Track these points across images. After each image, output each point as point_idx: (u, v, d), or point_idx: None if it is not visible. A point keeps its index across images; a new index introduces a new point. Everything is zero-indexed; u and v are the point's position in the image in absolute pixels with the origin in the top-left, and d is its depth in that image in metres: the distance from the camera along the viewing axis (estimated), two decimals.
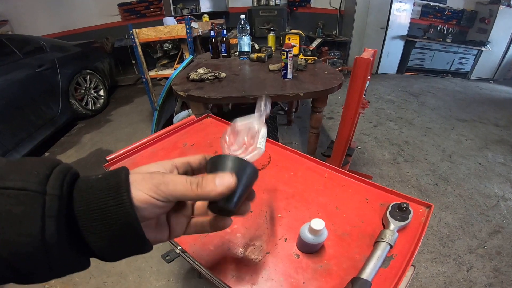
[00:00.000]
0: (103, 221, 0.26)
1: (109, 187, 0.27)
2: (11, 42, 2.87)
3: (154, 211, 0.30)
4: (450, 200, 2.14)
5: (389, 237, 0.60)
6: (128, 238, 0.28)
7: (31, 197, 0.23)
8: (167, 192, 0.30)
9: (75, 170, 0.28)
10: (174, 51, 3.21)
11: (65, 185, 0.26)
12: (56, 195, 0.24)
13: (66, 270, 0.27)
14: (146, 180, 0.29)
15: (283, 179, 0.83)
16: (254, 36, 2.48)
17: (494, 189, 2.28)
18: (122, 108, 4.03)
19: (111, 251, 0.28)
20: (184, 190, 0.31)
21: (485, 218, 1.97)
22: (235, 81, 1.71)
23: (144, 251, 0.30)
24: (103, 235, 0.26)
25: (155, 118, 2.53)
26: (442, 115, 3.74)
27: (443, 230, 1.86)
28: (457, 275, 1.57)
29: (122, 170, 0.29)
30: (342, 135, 1.56)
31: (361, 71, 1.30)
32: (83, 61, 3.65)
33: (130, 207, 0.26)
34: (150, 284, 1.52)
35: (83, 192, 0.27)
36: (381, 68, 5.73)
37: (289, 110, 3.23)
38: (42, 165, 0.26)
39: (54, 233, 0.23)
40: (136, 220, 0.27)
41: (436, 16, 5.60)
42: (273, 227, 0.68)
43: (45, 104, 2.90)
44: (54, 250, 0.24)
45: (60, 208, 0.24)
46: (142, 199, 0.28)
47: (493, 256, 1.68)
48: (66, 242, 0.25)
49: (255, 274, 0.57)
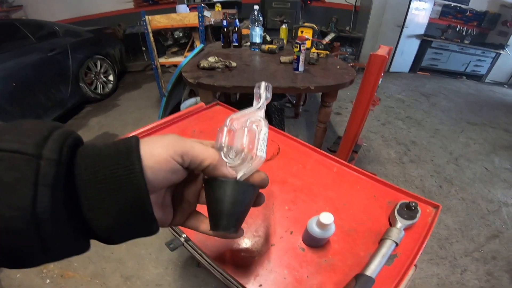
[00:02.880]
0: (110, 193, 0.23)
1: (119, 154, 0.23)
2: (25, 27, 2.93)
3: (168, 177, 0.27)
4: (452, 202, 2.13)
5: (396, 235, 0.59)
6: (136, 215, 0.24)
7: (24, 161, 0.19)
8: (193, 152, 0.28)
9: (78, 136, 0.25)
10: (184, 39, 3.20)
11: (66, 149, 0.22)
12: (54, 159, 0.20)
13: (63, 252, 0.23)
14: (169, 139, 0.27)
15: (292, 171, 0.83)
16: (265, 28, 2.45)
17: (498, 194, 2.26)
18: (130, 94, 4.04)
19: (117, 231, 0.25)
20: (212, 159, 0.29)
21: (485, 223, 1.96)
22: (246, 71, 1.69)
23: (151, 231, 0.27)
24: (110, 211, 0.23)
25: (163, 104, 2.54)
26: (452, 117, 3.68)
27: (442, 232, 1.86)
28: (451, 277, 1.57)
29: (133, 137, 0.25)
30: (350, 131, 1.54)
31: (376, 67, 1.27)
32: (95, 46, 3.68)
33: (141, 178, 0.23)
34: (149, 271, 1.53)
35: (89, 159, 0.23)
36: (394, 67, 5.63)
37: (297, 103, 3.20)
38: (41, 126, 0.22)
39: (47, 206, 0.20)
40: (146, 194, 0.24)
41: (456, 16, 5.45)
42: (280, 219, 0.67)
43: (55, 87, 2.96)
44: (48, 227, 0.20)
45: (57, 175, 0.20)
46: (159, 159, 0.25)
47: (488, 260, 1.69)
48: (63, 218, 0.21)
49: (259, 266, 0.57)
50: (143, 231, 0.27)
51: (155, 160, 0.25)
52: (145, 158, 0.24)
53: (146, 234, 0.27)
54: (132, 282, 1.47)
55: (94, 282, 1.47)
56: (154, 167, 0.25)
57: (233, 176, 0.32)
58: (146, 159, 0.24)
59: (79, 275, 1.50)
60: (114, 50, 4.12)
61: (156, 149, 0.25)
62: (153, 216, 0.26)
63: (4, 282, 1.44)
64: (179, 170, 0.28)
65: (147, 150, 0.25)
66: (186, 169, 0.29)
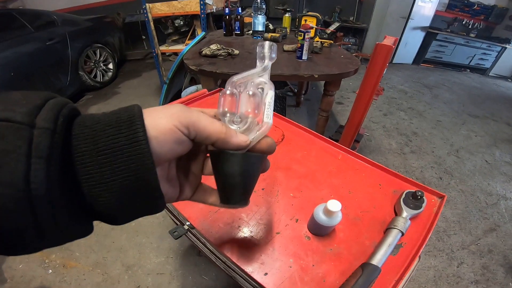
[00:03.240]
0: (113, 166, 0.20)
1: (121, 122, 0.21)
2: (23, 16, 2.91)
3: (174, 148, 0.24)
4: (451, 194, 2.13)
5: (402, 224, 0.58)
6: (141, 189, 0.22)
7: (14, 130, 0.17)
8: (199, 125, 0.25)
9: (75, 106, 0.22)
10: (185, 27, 3.16)
11: (61, 118, 0.19)
12: (49, 128, 0.18)
13: (62, 235, 0.20)
14: (174, 109, 0.25)
15: (296, 158, 0.82)
16: (268, 16, 2.40)
17: (497, 187, 2.26)
18: (130, 82, 4.01)
19: (120, 209, 0.22)
20: (219, 134, 0.27)
21: (483, 216, 1.97)
22: (248, 59, 1.67)
23: (157, 208, 0.25)
24: (112, 186, 0.21)
25: (163, 91, 2.51)
26: (454, 109, 3.66)
27: (441, 224, 1.86)
28: (447, 269, 1.58)
29: (135, 105, 0.23)
30: (353, 120, 1.53)
31: (381, 57, 1.26)
32: (94, 35, 3.65)
33: (146, 147, 0.21)
34: (150, 260, 1.53)
35: (87, 129, 0.21)
36: (397, 58, 5.58)
37: (299, 92, 3.17)
38: (33, 96, 0.19)
39: (42, 180, 0.17)
40: (152, 165, 0.22)
41: (464, 10, 5.37)
42: (285, 207, 0.66)
43: (54, 76, 2.95)
44: (43, 206, 0.17)
45: (52, 146, 0.18)
46: (164, 128, 0.23)
47: (484, 253, 1.69)
48: (61, 196, 0.19)
49: (264, 254, 0.57)
50: (149, 208, 0.25)
51: (160, 130, 0.23)
52: (149, 127, 0.22)
53: (152, 211, 0.25)
54: (134, 271, 1.47)
55: (96, 271, 1.47)
56: (159, 137, 0.23)
57: (246, 143, 0.29)
58: (150, 129, 0.22)
59: (81, 264, 1.50)
60: (113, 39, 4.09)
61: (160, 119, 0.23)
62: (160, 191, 0.24)
63: (6, 273, 1.44)
64: (185, 141, 0.25)
65: (151, 120, 0.23)
66: (192, 140, 0.27)
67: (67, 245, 0.20)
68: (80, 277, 1.44)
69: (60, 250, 1.56)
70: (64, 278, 1.44)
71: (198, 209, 0.65)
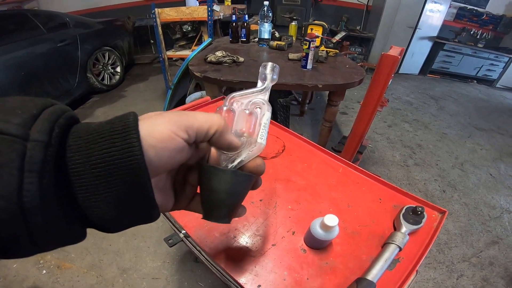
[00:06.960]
0: (107, 179, 0.20)
1: (115, 133, 0.21)
2: (36, 18, 2.96)
3: (172, 156, 0.24)
4: (454, 207, 2.11)
5: (400, 239, 0.58)
6: (136, 201, 0.22)
7: (8, 143, 0.17)
8: (198, 123, 0.25)
9: (73, 114, 0.22)
10: (192, 33, 3.19)
11: (57, 129, 0.19)
12: (42, 141, 0.18)
13: (54, 242, 0.21)
14: (170, 115, 0.24)
15: (296, 170, 0.81)
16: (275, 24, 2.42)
17: (501, 201, 2.23)
18: (136, 85, 4.05)
19: (114, 219, 0.22)
20: (218, 125, 0.27)
21: (486, 229, 1.94)
22: (253, 67, 1.67)
23: (151, 218, 0.25)
24: (107, 198, 0.21)
25: (168, 96, 2.53)
26: (460, 122, 3.63)
27: (442, 236, 1.84)
28: (447, 282, 1.56)
29: (130, 113, 0.22)
30: (356, 131, 1.52)
31: (387, 68, 1.25)
32: (104, 38, 3.70)
33: (142, 161, 0.21)
34: (146, 264, 1.52)
35: (82, 140, 0.20)
36: (403, 68, 5.56)
37: (303, 101, 3.17)
38: (30, 104, 0.19)
39: (35, 194, 0.17)
40: (147, 179, 0.21)
41: (472, 19, 5.35)
42: (282, 219, 0.66)
43: (62, 77, 2.99)
44: (36, 218, 0.18)
45: (46, 159, 0.18)
46: (162, 136, 0.22)
47: (485, 266, 1.67)
48: (54, 206, 0.19)
49: (258, 266, 0.56)
50: (143, 218, 0.25)
51: (158, 138, 0.22)
52: (145, 136, 0.22)
53: (146, 221, 0.25)
54: (129, 274, 1.47)
55: (91, 273, 1.46)
56: (157, 146, 0.22)
57: (237, 145, 0.29)
58: (147, 137, 0.22)
59: (76, 266, 1.50)
60: (122, 42, 4.14)
61: (157, 126, 0.23)
62: (154, 202, 0.23)
63: (0, 272, 1.44)
64: (185, 148, 0.25)
65: (148, 128, 0.22)
66: (191, 145, 0.26)
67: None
68: (74, 279, 1.44)
69: (56, 251, 1.56)
70: (58, 279, 1.43)
71: (194, 218, 0.65)
